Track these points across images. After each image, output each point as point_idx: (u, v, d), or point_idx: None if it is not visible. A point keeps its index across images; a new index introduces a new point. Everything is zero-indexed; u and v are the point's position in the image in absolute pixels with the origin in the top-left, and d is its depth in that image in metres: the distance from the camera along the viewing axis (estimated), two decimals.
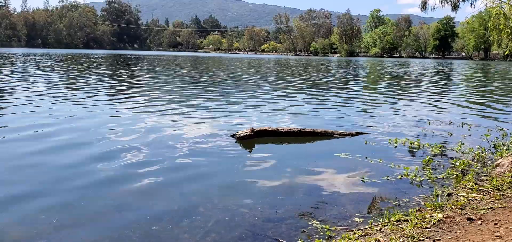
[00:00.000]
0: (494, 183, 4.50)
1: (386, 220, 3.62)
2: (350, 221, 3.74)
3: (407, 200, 4.26)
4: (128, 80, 18.39)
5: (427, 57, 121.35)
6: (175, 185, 4.64)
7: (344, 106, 11.54)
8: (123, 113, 9.30)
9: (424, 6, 14.77)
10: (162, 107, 10.25)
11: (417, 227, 3.43)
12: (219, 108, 10.39)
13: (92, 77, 19.28)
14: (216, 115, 9.20)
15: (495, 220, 3.46)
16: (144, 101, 11.35)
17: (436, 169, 5.38)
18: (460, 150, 6.26)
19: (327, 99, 13.16)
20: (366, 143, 6.77)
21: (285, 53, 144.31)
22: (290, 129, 7.15)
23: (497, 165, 5.13)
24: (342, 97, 13.86)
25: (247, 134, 6.68)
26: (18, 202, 4.06)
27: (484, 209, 3.77)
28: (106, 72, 24.27)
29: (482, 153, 6.02)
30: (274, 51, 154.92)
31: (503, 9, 7.94)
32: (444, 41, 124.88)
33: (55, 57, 48.67)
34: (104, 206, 4.00)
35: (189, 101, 11.72)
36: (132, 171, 5.05)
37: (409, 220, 3.57)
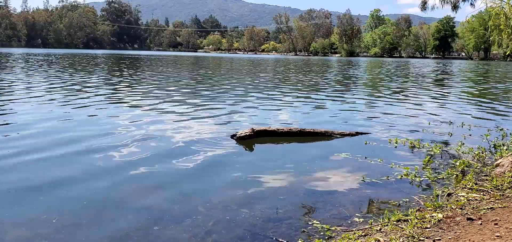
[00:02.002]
0: (494, 183, 4.50)
1: (386, 220, 3.62)
2: (350, 221, 3.74)
3: (407, 200, 4.26)
4: (130, 81, 18.40)
5: (427, 57, 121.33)
6: (175, 185, 4.64)
7: (344, 106, 11.54)
8: (123, 113, 9.29)
9: (424, 6, 14.79)
10: (162, 107, 10.25)
11: (417, 227, 3.43)
12: (219, 108, 10.38)
13: (100, 78, 19.30)
14: (216, 116, 9.19)
15: (495, 220, 3.46)
16: (144, 102, 11.34)
17: (436, 169, 5.38)
18: (460, 150, 6.27)
19: (327, 99, 13.16)
20: (366, 143, 6.77)
21: (285, 53, 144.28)
22: (290, 129, 7.15)
23: (497, 165, 5.13)
24: (342, 97, 13.85)
25: (247, 134, 6.68)
26: (19, 202, 4.06)
27: (484, 209, 3.77)
28: (110, 72, 24.26)
29: (482, 153, 6.03)
30: (274, 51, 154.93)
31: (503, 9, 7.93)
32: (444, 41, 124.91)
33: (59, 57, 48.66)
34: (104, 206, 4.00)
35: (189, 101, 11.72)
36: (132, 171, 5.05)
37: (409, 220, 3.57)
